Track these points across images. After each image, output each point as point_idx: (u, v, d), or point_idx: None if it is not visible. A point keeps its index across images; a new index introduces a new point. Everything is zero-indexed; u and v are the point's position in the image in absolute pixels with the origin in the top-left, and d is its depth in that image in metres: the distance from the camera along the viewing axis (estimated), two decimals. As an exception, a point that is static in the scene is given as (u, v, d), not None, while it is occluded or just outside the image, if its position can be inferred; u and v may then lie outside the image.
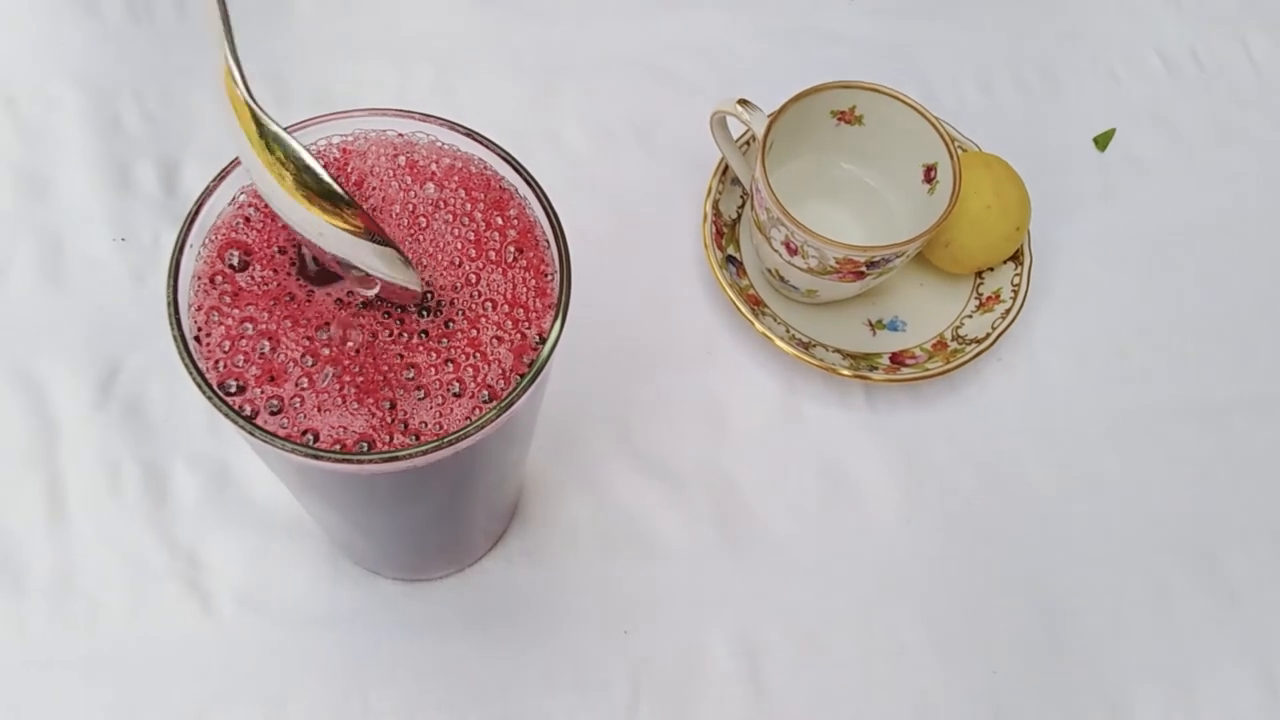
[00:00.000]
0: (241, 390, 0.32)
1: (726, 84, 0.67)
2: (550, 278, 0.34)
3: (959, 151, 0.55)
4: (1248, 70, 0.72)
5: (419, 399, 0.32)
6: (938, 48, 0.70)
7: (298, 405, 0.32)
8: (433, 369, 0.33)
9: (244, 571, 0.50)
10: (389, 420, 0.32)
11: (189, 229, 0.33)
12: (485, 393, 0.32)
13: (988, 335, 0.57)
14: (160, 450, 0.52)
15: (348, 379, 0.32)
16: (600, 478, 0.54)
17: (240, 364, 0.32)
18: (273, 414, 0.32)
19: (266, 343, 0.32)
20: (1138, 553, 0.55)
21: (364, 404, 0.32)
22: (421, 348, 0.33)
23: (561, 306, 0.33)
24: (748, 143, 0.61)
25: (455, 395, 0.32)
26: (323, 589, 0.50)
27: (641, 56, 0.68)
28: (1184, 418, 0.59)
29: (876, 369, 0.56)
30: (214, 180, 0.34)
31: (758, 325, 0.56)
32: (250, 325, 0.32)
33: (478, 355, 0.33)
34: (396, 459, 0.31)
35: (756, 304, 0.58)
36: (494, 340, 0.33)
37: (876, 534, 0.54)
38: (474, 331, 0.33)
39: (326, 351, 0.32)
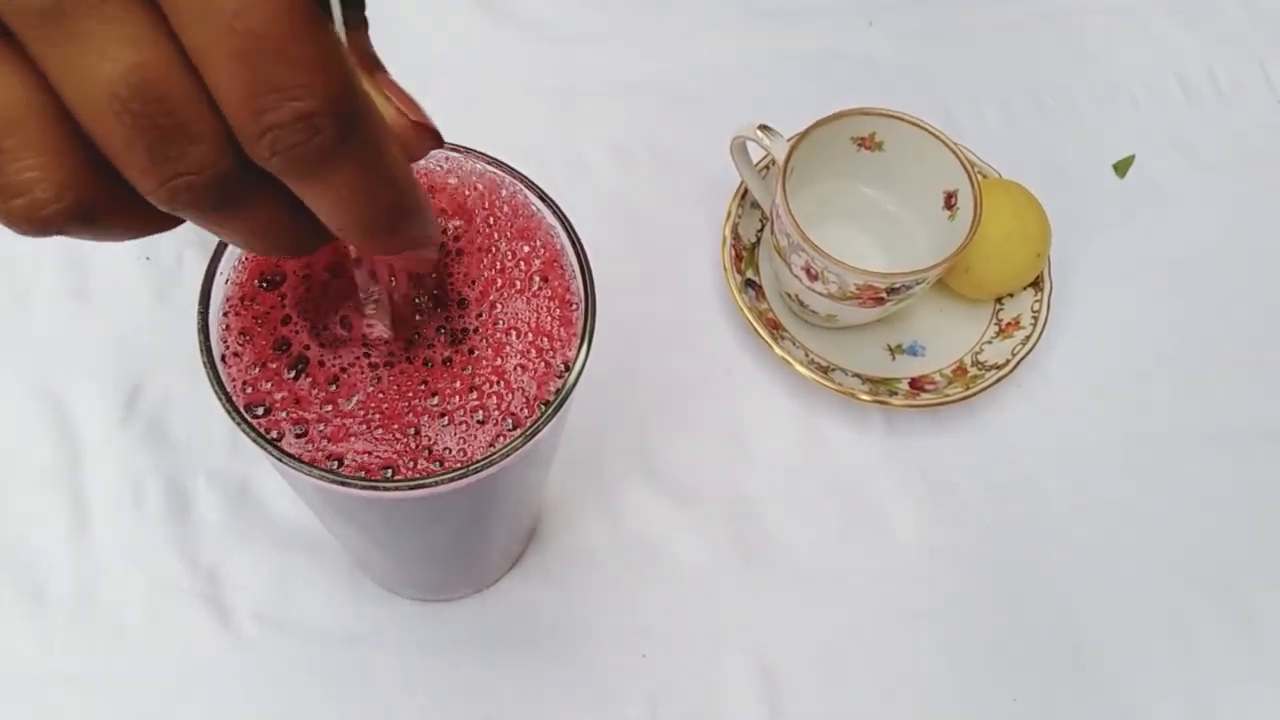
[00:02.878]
0: (267, 413, 0.32)
1: (745, 107, 0.67)
2: (575, 307, 0.35)
3: (980, 178, 0.55)
4: (1267, 95, 0.72)
5: (443, 425, 0.32)
6: (957, 72, 0.70)
7: (321, 429, 0.32)
8: (456, 395, 0.33)
9: (264, 589, 0.51)
10: (413, 446, 0.32)
11: (219, 257, 0.33)
12: (509, 420, 0.33)
13: (1007, 361, 0.57)
14: (182, 467, 0.53)
15: (373, 405, 0.32)
16: (619, 499, 0.54)
17: (267, 387, 0.32)
18: (297, 437, 0.32)
19: (291, 371, 0.33)
20: (1157, 580, 0.55)
21: (389, 429, 0.32)
22: (445, 374, 0.33)
23: (586, 335, 0.33)
24: (767, 167, 0.61)
25: (480, 422, 0.33)
26: (342, 608, 0.51)
27: (660, 78, 0.68)
28: (1204, 445, 0.59)
29: (896, 394, 0.56)
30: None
31: (777, 349, 0.56)
32: (278, 348, 0.33)
33: (501, 383, 0.33)
34: (423, 486, 0.31)
35: (775, 328, 0.58)
36: (518, 368, 0.33)
37: (895, 559, 0.54)
38: (498, 360, 0.33)
39: (350, 376, 0.33)
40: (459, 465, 0.31)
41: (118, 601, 0.50)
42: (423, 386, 0.33)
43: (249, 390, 0.32)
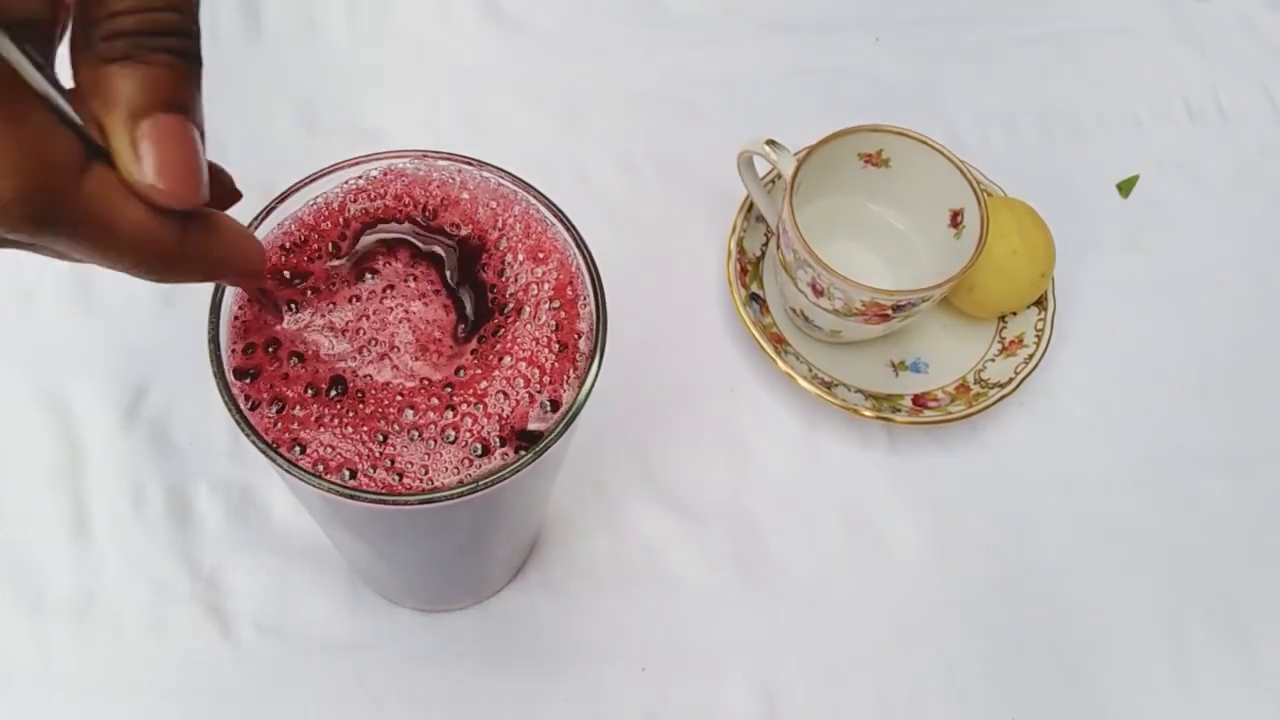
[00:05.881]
0: (254, 407, 0.32)
1: (751, 120, 0.67)
2: (580, 337, 0.34)
3: (985, 197, 0.55)
4: (1271, 118, 0.73)
5: (411, 439, 0.32)
6: (964, 90, 0.71)
7: (296, 412, 0.32)
8: (432, 411, 0.32)
9: (264, 596, 0.50)
10: (376, 453, 0.32)
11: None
12: (478, 445, 0.32)
13: (1010, 380, 0.57)
14: (184, 473, 0.53)
15: (349, 404, 0.32)
16: (620, 512, 0.54)
17: (264, 391, 0.32)
18: (273, 410, 0.32)
19: (290, 387, 0.33)
20: (1157, 599, 0.55)
21: (359, 430, 0.32)
22: (422, 391, 0.33)
23: (598, 352, 0.33)
24: (773, 181, 0.62)
25: (450, 442, 0.32)
26: (342, 617, 0.50)
27: (668, 92, 0.68)
28: (1206, 465, 0.59)
29: (899, 411, 0.56)
30: (256, 218, 0.34)
31: (780, 364, 0.56)
32: (285, 357, 0.33)
33: (480, 407, 0.33)
34: (428, 500, 0.31)
35: (779, 342, 0.58)
36: (500, 394, 0.33)
37: (896, 576, 0.54)
38: (484, 383, 0.33)
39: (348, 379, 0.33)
40: (420, 486, 0.31)
41: (117, 607, 0.50)
42: (399, 398, 0.33)
43: (250, 403, 0.32)
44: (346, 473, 0.32)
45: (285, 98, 0.65)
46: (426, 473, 0.32)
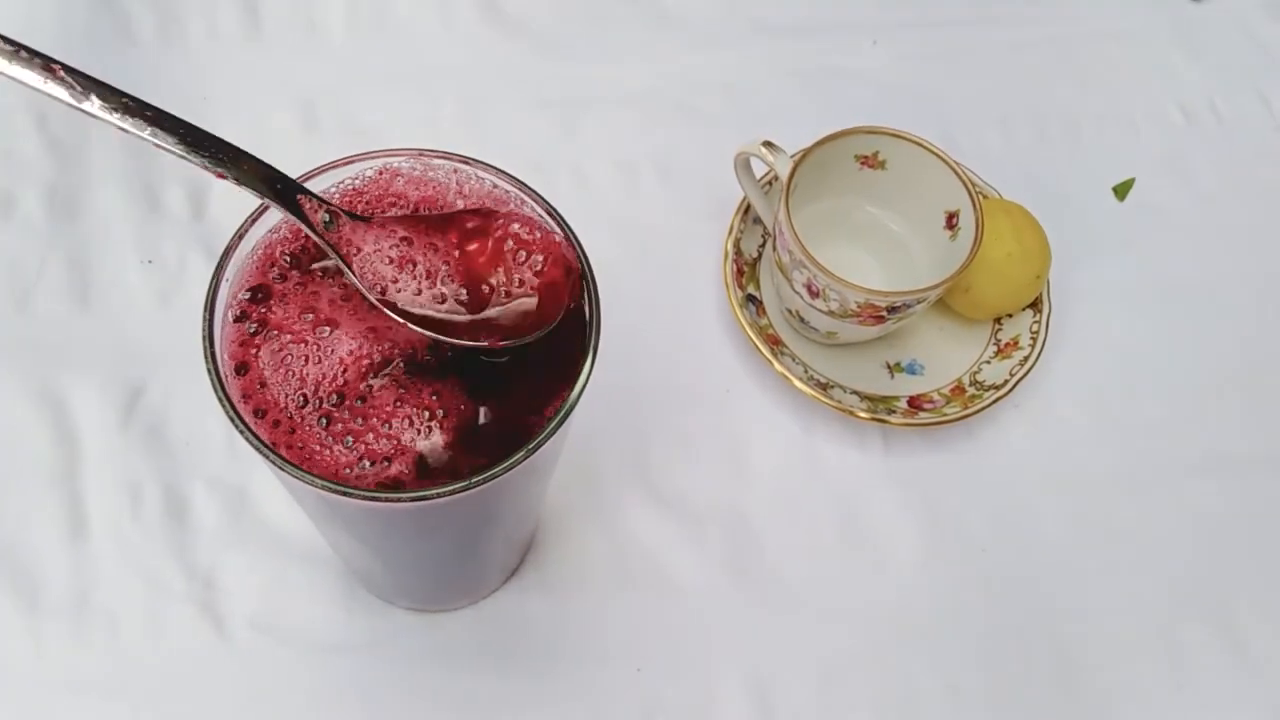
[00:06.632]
0: (262, 415, 0.32)
1: (749, 122, 0.67)
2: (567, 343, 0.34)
3: (981, 199, 0.55)
4: (1266, 122, 0.73)
5: (349, 443, 0.32)
6: (960, 93, 0.71)
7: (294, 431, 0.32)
8: (393, 419, 0.33)
9: (260, 596, 0.50)
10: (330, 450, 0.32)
11: (225, 263, 0.33)
12: (415, 459, 0.32)
13: (1005, 382, 0.57)
14: (181, 473, 0.53)
15: (325, 389, 0.32)
16: (616, 513, 0.54)
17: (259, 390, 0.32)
18: (237, 374, 0.32)
19: (291, 381, 0.33)
20: (1152, 603, 0.55)
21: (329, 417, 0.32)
22: (387, 394, 0.33)
23: (592, 351, 0.33)
24: (770, 183, 0.62)
25: (386, 459, 0.32)
26: (337, 617, 0.50)
27: (664, 93, 0.69)
28: (1200, 469, 0.59)
29: (894, 412, 0.56)
30: (249, 218, 0.34)
31: (777, 365, 0.56)
32: (279, 355, 0.33)
33: (432, 420, 0.33)
34: (422, 499, 0.31)
35: (776, 344, 0.59)
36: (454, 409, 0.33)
37: (891, 577, 0.54)
38: (437, 393, 0.33)
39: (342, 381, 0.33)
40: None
41: (113, 606, 0.50)
42: (360, 403, 0.33)
43: (247, 399, 0.32)
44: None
45: (284, 97, 0.65)
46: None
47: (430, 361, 0.34)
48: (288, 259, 0.35)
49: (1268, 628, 0.55)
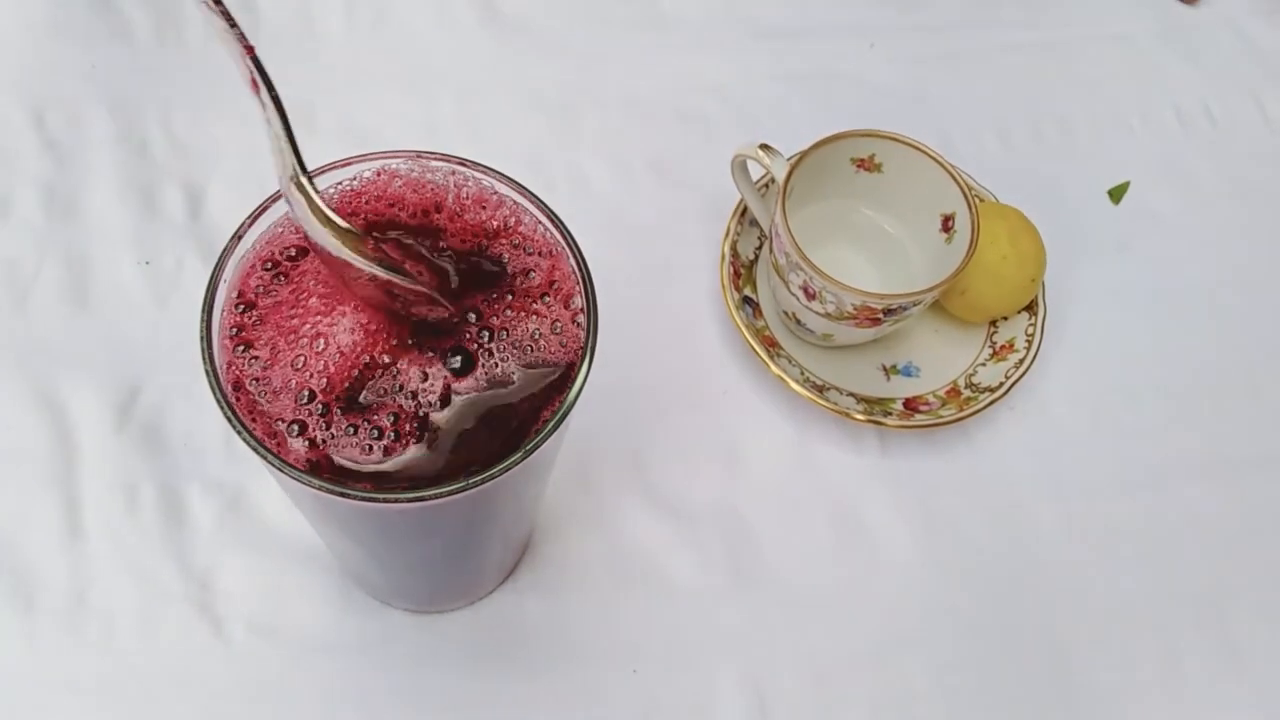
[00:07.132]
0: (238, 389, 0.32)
1: (746, 125, 0.68)
2: (565, 345, 0.34)
3: (977, 202, 0.55)
4: (1261, 126, 0.73)
5: (346, 431, 0.32)
6: (957, 96, 0.71)
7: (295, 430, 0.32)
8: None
9: (256, 597, 0.50)
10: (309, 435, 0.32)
11: (223, 263, 0.34)
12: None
13: (1001, 384, 0.57)
14: (177, 473, 0.53)
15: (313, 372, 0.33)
16: (612, 514, 0.55)
17: (257, 387, 0.32)
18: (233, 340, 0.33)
19: (293, 373, 0.33)
20: (1148, 606, 0.55)
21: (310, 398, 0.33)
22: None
23: (589, 353, 0.34)
24: (767, 185, 0.62)
25: (365, 450, 0.32)
26: (334, 618, 0.50)
27: (662, 95, 0.69)
28: (1196, 472, 0.59)
29: (890, 414, 0.56)
30: (248, 219, 0.34)
31: (773, 367, 0.56)
32: (276, 355, 0.33)
33: (405, 426, 0.33)
34: (420, 499, 0.31)
35: (772, 345, 0.59)
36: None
37: (887, 579, 0.55)
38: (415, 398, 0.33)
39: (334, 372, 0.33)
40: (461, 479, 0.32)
41: (109, 607, 0.50)
42: (359, 403, 0.33)
43: (242, 395, 0.32)
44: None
45: (282, 96, 0.65)
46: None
47: (429, 360, 0.34)
48: (286, 259, 0.35)
49: (1263, 628, 0.55)
